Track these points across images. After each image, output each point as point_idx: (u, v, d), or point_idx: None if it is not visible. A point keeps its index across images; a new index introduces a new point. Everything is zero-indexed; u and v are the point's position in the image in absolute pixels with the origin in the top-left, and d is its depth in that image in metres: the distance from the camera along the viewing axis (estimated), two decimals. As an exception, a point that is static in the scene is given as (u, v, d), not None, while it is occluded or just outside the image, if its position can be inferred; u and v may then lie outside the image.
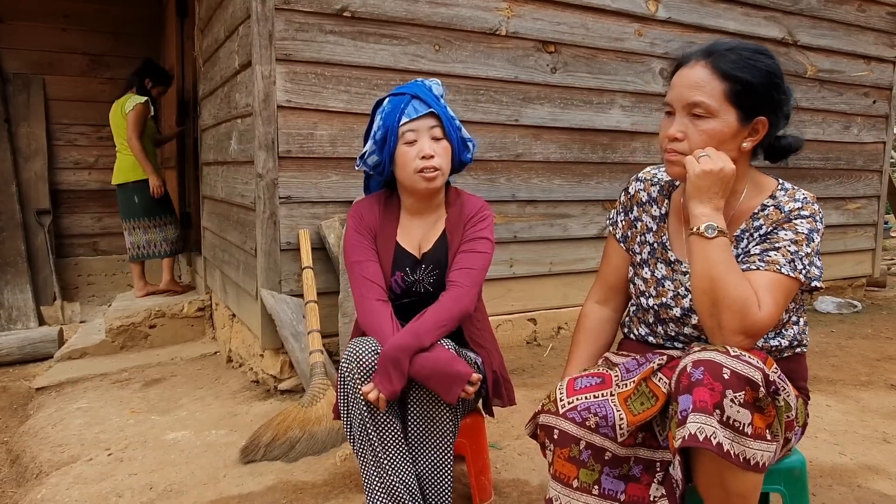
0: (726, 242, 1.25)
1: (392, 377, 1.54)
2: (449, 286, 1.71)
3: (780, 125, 1.35)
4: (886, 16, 4.70)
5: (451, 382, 1.55)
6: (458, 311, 1.66)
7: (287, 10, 2.77)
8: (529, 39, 3.35)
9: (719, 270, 1.22)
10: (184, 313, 4.12)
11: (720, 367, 1.14)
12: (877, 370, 3.24)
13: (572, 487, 1.29)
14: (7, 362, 3.99)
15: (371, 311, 1.68)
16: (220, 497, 2.05)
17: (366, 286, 1.71)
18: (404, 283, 1.77)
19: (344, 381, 1.61)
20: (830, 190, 4.68)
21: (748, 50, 1.31)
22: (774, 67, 1.31)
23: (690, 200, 1.28)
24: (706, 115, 1.28)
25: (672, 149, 1.33)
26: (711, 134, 1.28)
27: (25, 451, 2.57)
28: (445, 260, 1.76)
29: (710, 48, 1.32)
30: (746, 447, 1.12)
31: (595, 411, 1.29)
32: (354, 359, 1.59)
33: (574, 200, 3.63)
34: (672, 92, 1.33)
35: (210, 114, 3.88)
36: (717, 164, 1.25)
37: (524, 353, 3.42)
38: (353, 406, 1.61)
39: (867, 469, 2.18)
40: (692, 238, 1.27)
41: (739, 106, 1.28)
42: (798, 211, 1.32)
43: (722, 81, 1.27)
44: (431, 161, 1.68)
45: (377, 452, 1.59)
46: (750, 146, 1.32)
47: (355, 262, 1.75)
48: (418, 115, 1.69)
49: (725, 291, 1.20)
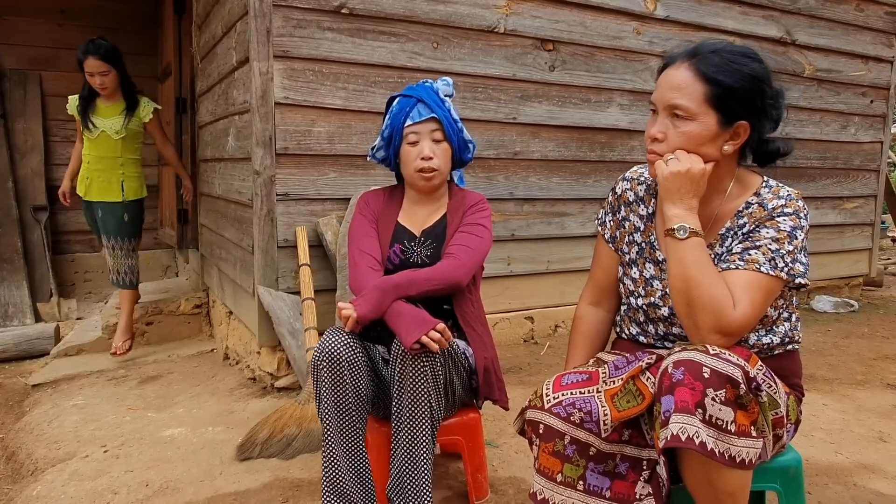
0: (700, 243, 1.26)
1: (371, 303, 1.62)
2: (445, 256, 1.79)
3: (766, 129, 1.34)
4: (884, 15, 4.71)
5: (418, 325, 1.57)
6: (451, 277, 1.74)
7: (285, 7, 2.76)
8: (528, 37, 3.35)
9: (693, 271, 1.23)
10: (180, 310, 4.11)
11: (700, 366, 1.14)
12: (873, 369, 3.25)
13: (556, 482, 1.30)
14: (3, 359, 3.98)
15: (360, 276, 1.76)
16: (217, 494, 2.05)
17: (359, 256, 1.82)
18: (402, 253, 1.85)
19: (317, 370, 1.62)
20: (828, 189, 4.69)
21: (734, 53, 1.29)
22: (760, 71, 1.29)
23: (664, 202, 1.30)
24: (686, 116, 1.28)
25: (652, 149, 1.34)
26: (690, 136, 1.29)
27: (21, 447, 2.57)
28: (444, 236, 1.85)
29: (695, 49, 1.32)
30: (731, 445, 1.12)
31: (580, 406, 1.29)
32: (327, 350, 1.61)
33: (572, 199, 3.63)
34: (656, 92, 1.34)
35: (207, 110, 3.87)
36: (685, 164, 1.26)
37: (521, 352, 3.43)
38: (325, 395, 1.62)
39: (863, 468, 2.19)
40: (667, 239, 1.28)
41: (720, 109, 1.27)
42: (781, 208, 1.32)
43: (703, 84, 1.27)
44: (430, 162, 1.81)
45: (339, 444, 1.62)
46: (732, 150, 1.32)
47: (354, 238, 1.86)
48: (421, 118, 1.82)
49: (699, 291, 1.21)
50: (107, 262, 3.82)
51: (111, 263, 3.77)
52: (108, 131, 3.66)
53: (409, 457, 1.63)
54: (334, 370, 1.60)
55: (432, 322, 1.57)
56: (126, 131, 3.68)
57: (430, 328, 1.55)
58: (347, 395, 1.62)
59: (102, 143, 3.66)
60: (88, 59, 3.50)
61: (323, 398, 1.62)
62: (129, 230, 3.78)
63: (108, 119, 3.66)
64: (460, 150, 1.90)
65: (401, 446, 1.64)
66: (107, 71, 3.54)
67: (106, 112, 3.67)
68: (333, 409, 1.61)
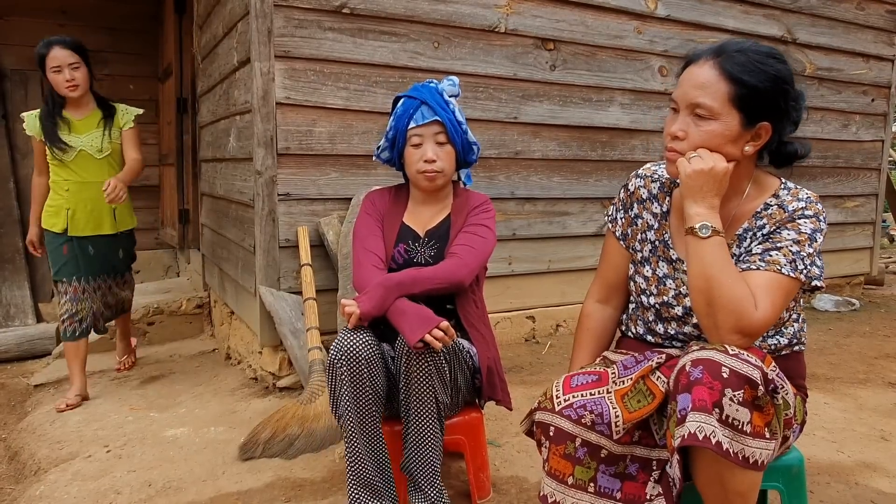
0: (721, 242, 1.24)
1: (374, 300, 1.63)
2: (449, 256, 1.80)
3: (787, 131, 1.33)
4: (885, 14, 4.70)
5: (422, 322, 1.58)
6: (454, 276, 1.74)
7: (286, 7, 2.76)
8: (528, 37, 3.35)
9: (714, 270, 1.21)
10: (182, 310, 4.12)
11: (719, 365, 1.14)
12: (874, 368, 3.25)
13: (567, 484, 1.29)
14: (5, 359, 3.99)
15: (364, 274, 1.77)
16: (219, 494, 2.05)
17: (363, 254, 1.82)
18: (406, 253, 1.86)
19: (334, 368, 1.63)
20: (829, 188, 4.69)
21: (759, 53, 1.28)
22: (784, 73, 1.28)
23: (685, 200, 1.29)
24: (708, 116, 1.27)
25: (672, 147, 1.32)
26: (711, 135, 1.27)
27: (24, 447, 2.57)
28: (447, 237, 1.86)
29: (720, 47, 1.30)
30: (745, 445, 1.12)
31: (591, 409, 1.29)
32: (345, 348, 1.61)
33: (573, 198, 3.63)
34: (678, 89, 1.32)
35: (209, 110, 3.87)
36: (708, 163, 1.25)
37: (523, 351, 3.43)
38: (342, 394, 1.64)
39: (865, 467, 2.19)
40: (688, 238, 1.27)
41: (743, 110, 1.26)
42: (802, 210, 1.31)
43: (727, 84, 1.25)
44: (433, 165, 1.82)
45: (361, 436, 1.65)
46: (752, 150, 1.31)
47: (359, 236, 1.86)
48: (425, 121, 1.81)
49: (720, 291, 1.20)
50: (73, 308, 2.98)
51: (88, 307, 3.03)
52: (88, 150, 3.01)
53: (418, 455, 1.67)
54: (353, 369, 1.61)
55: (436, 320, 1.58)
56: (111, 147, 3.07)
57: (433, 326, 1.56)
58: (366, 393, 1.63)
59: (84, 165, 3.01)
60: (54, 49, 2.88)
61: (343, 397, 1.63)
62: (124, 265, 3.26)
63: (85, 135, 3.01)
64: (464, 152, 1.90)
65: (410, 442, 1.67)
66: (77, 63, 2.92)
67: (81, 127, 3.01)
68: (353, 407, 1.63)
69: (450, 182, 1.94)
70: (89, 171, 3.02)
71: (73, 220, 3.01)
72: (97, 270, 3.09)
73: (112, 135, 3.08)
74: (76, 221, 3.01)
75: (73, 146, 2.98)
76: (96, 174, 3.02)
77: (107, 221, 3.08)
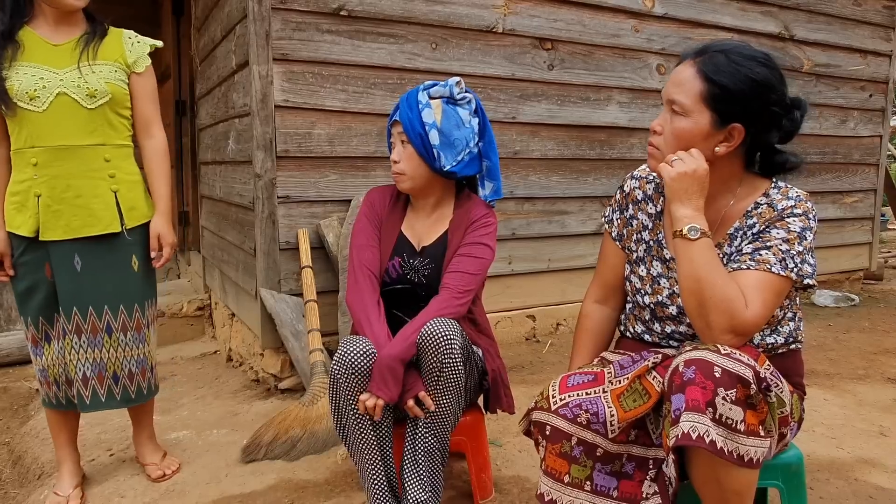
0: (709, 243, 1.26)
1: (389, 384, 1.59)
2: (441, 290, 1.73)
3: (770, 136, 1.33)
4: (882, 9, 4.71)
5: (409, 387, 1.62)
6: (447, 316, 1.66)
7: (284, 10, 2.77)
8: (526, 37, 3.36)
9: (704, 271, 1.23)
10: (183, 312, 4.12)
11: (711, 365, 1.15)
12: (874, 364, 3.26)
13: (563, 483, 1.31)
14: (7, 363, 3.99)
15: (358, 295, 1.74)
16: (223, 496, 2.06)
17: (360, 270, 1.78)
18: (401, 268, 1.82)
19: (336, 382, 1.64)
20: (827, 184, 4.70)
21: (741, 55, 1.29)
22: (763, 76, 1.28)
23: (671, 203, 1.31)
24: (681, 112, 1.31)
25: (651, 142, 1.37)
26: (681, 131, 1.30)
27: (27, 451, 2.58)
28: (443, 257, 1.80)
29: (704, 48, 1.33)
30: (740, 444, 1.13)
31: (587, 408, 1.30)
32: (346, 361, 1.62)
33: (572, 197, 3.64)
34: (664, 86, 1.37)
35: (207, 113, 3.88)
36: (691, 165, 1.27)
37: (523, 350, 3.44)
38: (345, 406, 1.65)
39: (864, 462, 2.20)
40: (676, 240, 1.29)
41: (715, 109, 1.28)
42: (791, 209, 1.33)
43: (701, 82, 1.28)
44: (395, 166, 1.78)
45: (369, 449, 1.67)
46: (724, 151, 1.32)
47: (356, 245, 1.83)
48: (391, 119, 1.81)
49: (711, 291, 1.22)
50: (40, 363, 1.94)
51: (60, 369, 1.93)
52: (72, 93, 1.82)
53: (425, 457, 1.68)
54: (354, 383, 1.62)
55: (416, 390, 1.62)
56: (109, 90, 1.86)
57: (414, 394, 1.62)
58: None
59: (63, 119, 1.82)
60: None
61: (344, 409, 1.65)
62: (142, 288, 2.00)
63: (67, 70, 1.82)
64: (429, 158, 1.73)
65: (420, 438, 1.68)
66: None
67: (60, 56, 1.83)
68: (356, 420, 1.64)
69: (443, 189, 1.83)
70: (72, 130, 1.83)
71: (44, 215, 1.85)
72: (84, 301, 1.89)
73: (116, 73, 1.89)
74: (47, 218, 1.85)
75: (45, 86, 1.80)
76: (83, 135, 1.85)
77: (103, 213, 1.90)
